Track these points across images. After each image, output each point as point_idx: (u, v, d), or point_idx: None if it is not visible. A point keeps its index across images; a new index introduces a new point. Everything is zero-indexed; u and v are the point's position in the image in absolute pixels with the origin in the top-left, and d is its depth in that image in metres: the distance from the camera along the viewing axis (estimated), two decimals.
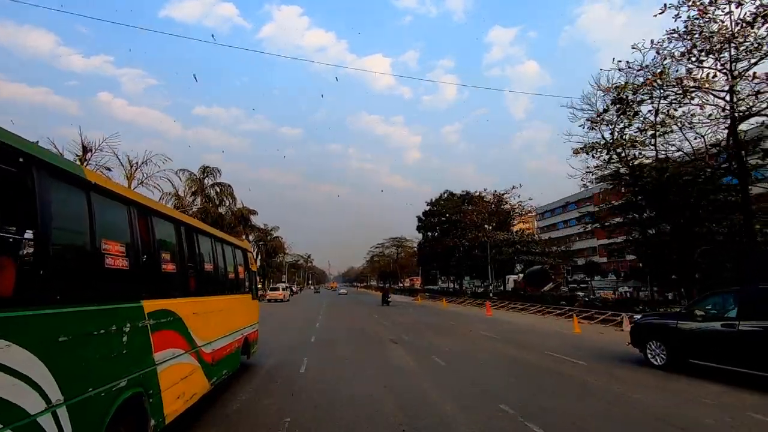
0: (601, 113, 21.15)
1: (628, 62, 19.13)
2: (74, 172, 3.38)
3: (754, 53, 16.20)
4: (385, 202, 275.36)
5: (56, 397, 2.83)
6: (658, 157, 21.60)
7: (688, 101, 18.57)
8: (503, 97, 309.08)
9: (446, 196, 58.54)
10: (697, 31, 16.97)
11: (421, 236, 66.67)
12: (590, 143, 22.36)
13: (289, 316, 25.82)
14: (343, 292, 79.38)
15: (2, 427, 2.39)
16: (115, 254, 3.72)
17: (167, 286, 5.00)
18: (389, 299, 36.74)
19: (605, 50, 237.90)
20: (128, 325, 3.85)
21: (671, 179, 19.71)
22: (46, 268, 2.84)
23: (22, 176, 2.76)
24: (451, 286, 68.54)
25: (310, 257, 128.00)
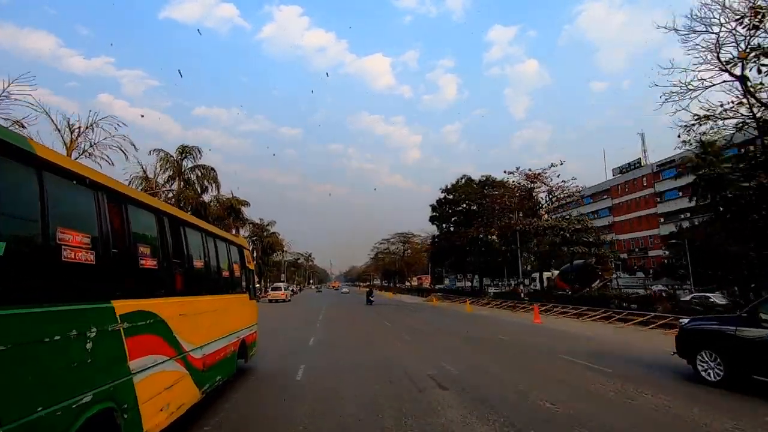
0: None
1: None
2: (18, 145, 2.79)
3: None
4: (385, 202, 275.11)
5: None
6: None
7: None
8: (503, 96, 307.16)
9: (464, 181, 51.82)
10: None
11: (435, 228, 59.13)
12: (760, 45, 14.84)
13: (290, 322, 25.07)
14: (345, 291, 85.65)
15: None
16: (75, 246, 3.14)
17: (147, 284, 4.42)
18: (372, 298, 37.70)
19: (604, 50, 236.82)
20: (93, 329, 3.26)
21: None
22: None
23: None
24: (467, 285, 61.42)
25: (311, 256, 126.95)
